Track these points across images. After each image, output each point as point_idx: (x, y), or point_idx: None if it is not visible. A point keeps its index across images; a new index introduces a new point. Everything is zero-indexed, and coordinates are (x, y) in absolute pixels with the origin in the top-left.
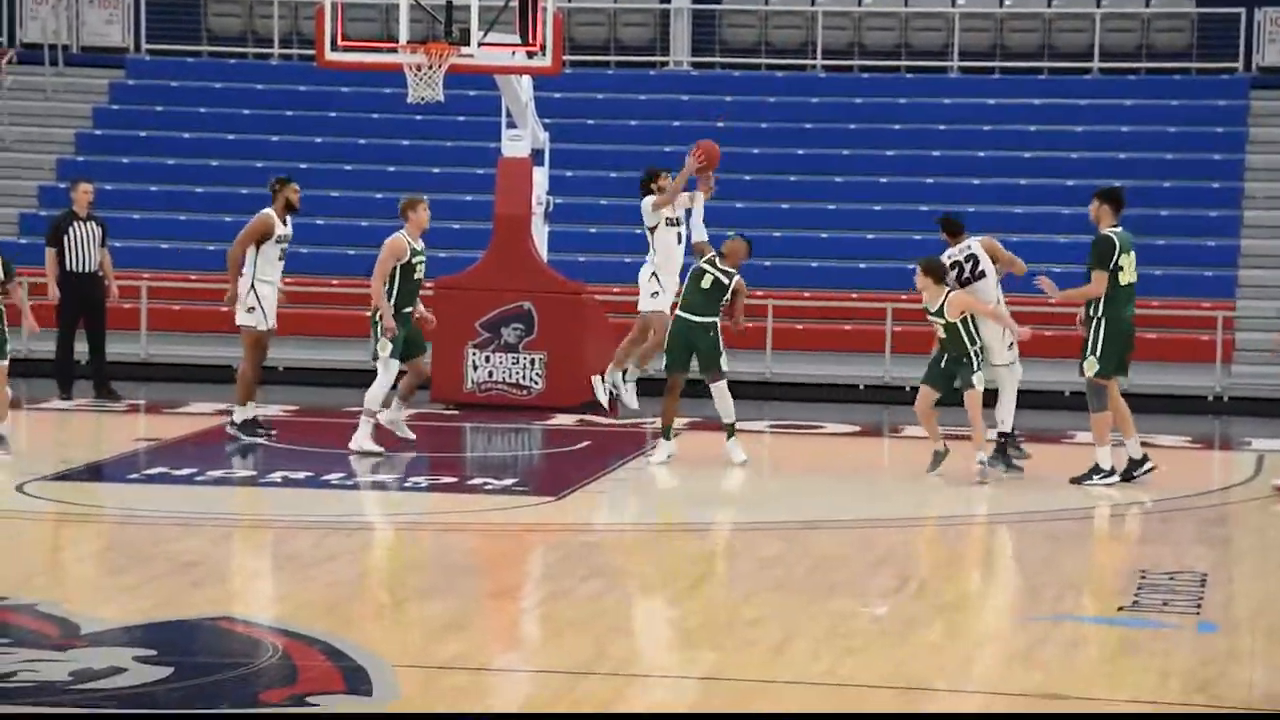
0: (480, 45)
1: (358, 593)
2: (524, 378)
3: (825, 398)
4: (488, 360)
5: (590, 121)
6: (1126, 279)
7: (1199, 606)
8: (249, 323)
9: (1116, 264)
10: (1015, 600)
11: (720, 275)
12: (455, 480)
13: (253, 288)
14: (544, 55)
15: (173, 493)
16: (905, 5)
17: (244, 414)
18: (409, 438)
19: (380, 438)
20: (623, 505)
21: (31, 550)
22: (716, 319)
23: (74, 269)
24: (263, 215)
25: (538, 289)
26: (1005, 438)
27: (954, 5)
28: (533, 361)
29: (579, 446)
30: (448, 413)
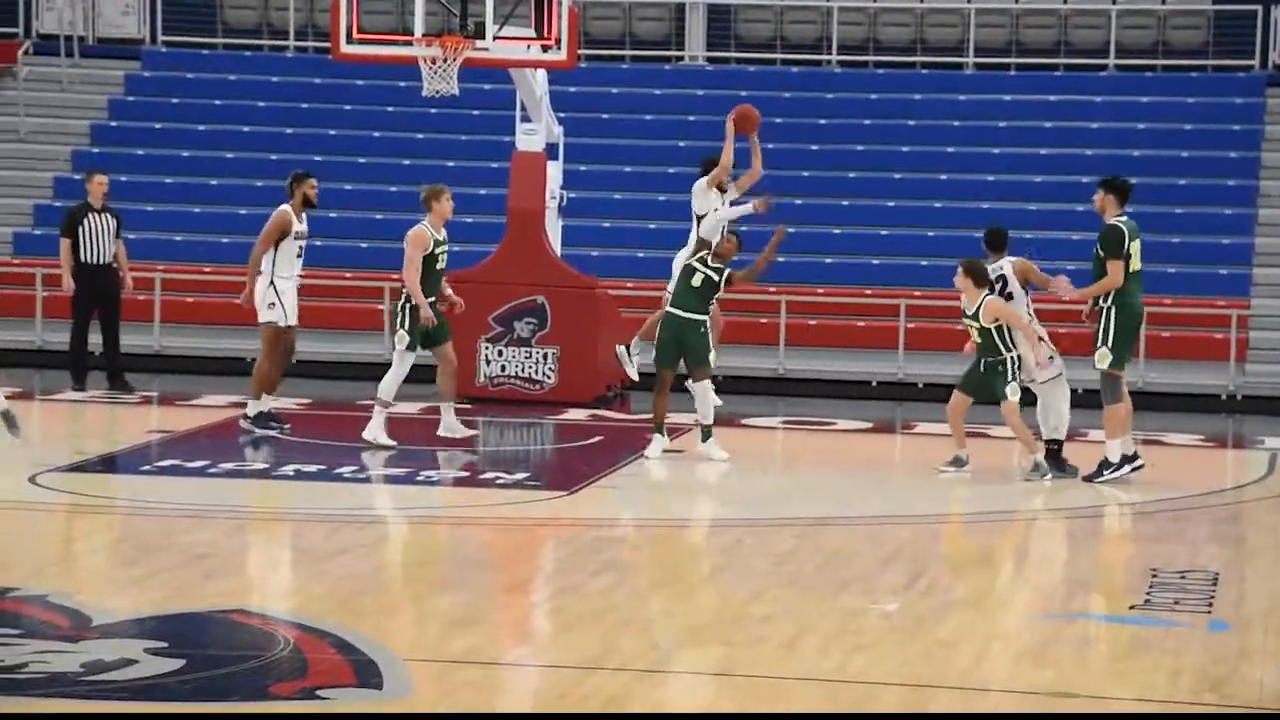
0: (495, 39)
1: (369, 586)
2: (536, 372)
3: (838, 394)
4: (500, 354)
5: (605, 116)
6: (1134, 266)
7: (1210, 605)
8: (269, 319)
9: (1126, 252)
10: (1026, 598)
11: (711, 273)
12: (467, 475)
13: (272, 284)
14: (559, 49)
15: (185, 485)
16: (921, 1)
17: (257, 407)
18: (470, 434)
19: (393, 431)
20: (634, 500)
21: (43, 542)
22: (706, 317)
23: (89, 260)
24: (281, 212)
25: (551, 283)
26: (1058, 445)
27: (970, 1)
28: (545, 356)
29: (591, 441)
30: (460, 407)
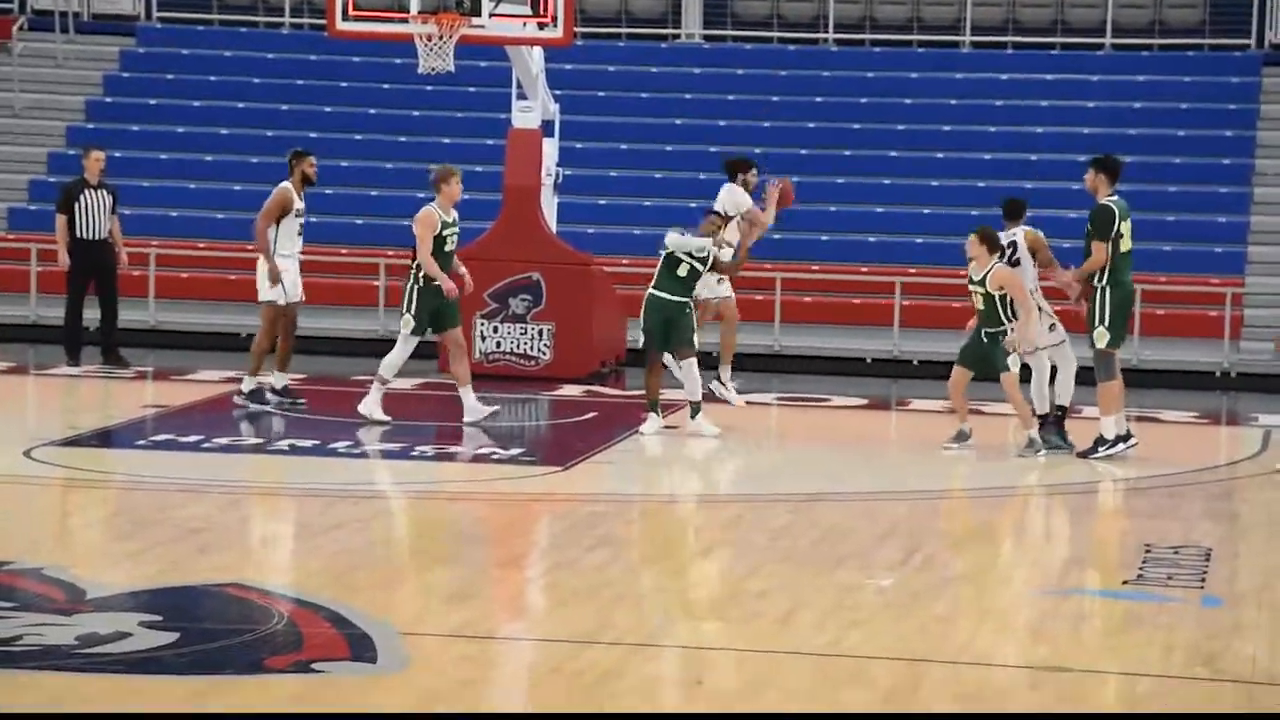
0: (491, 16)
1: (364, 561)
2: (532, 348)
3: (833, 370)
4: (495, 331)
5: (601, 93)
6: (1126, 246)
7: (1203, 581)
8: (270, 298)
9: (1117, 232)
10: (1020, 574)
11: (696, 264)
12: (462, 449)
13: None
14: (555, 26)
15: (180, 459)
16: None
17: (251, 384)
18: (493, 409)
19: (388, 407)
20: (629, 476)
21: (38, 516)
22: (690, 299)
23: (84, 236)
24: (282, 189)
25: (546, 260)
26: (1063, 411)
27: None
28: (541, 332)
29: (586, 417)
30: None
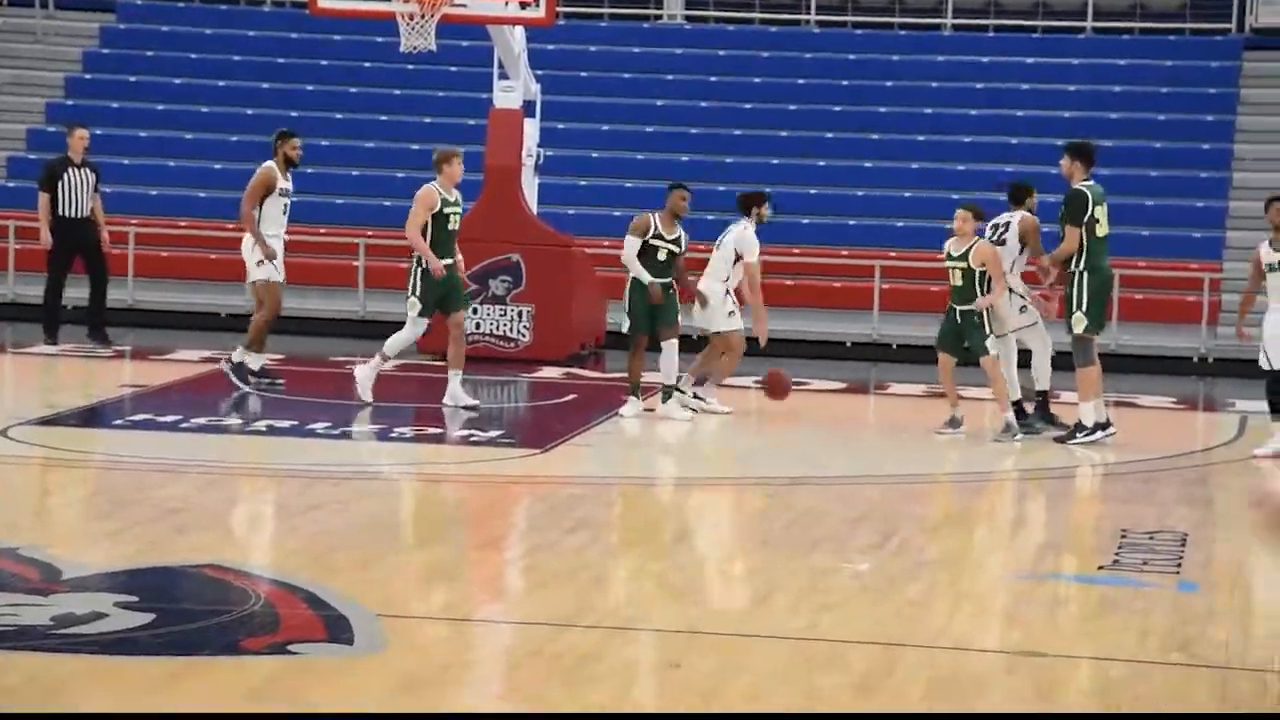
0: None
1: (342, 542)
2: (511, 330)
3: (812, 354)
4: (475, 312)
5: (583, 74)
6: (1104, 231)
7: (1179, 566)
8: (263, 276)
9: (1093, 217)
10: (996, 558)
11: (672, 247)
12: (441, 431)
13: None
14: (537, 6)
15: (158, 439)
16: None
17: (241, 356)
18: (472, 403)
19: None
20: (608, 459)
21: (15, 495)
22: (671, 280)
23: (67, 214)
24: (265, 168)
25: (527, 241)
26: (1043, 396)
27: None
28: (520, 314)
29: (565, 399)
30: (435, 364)
